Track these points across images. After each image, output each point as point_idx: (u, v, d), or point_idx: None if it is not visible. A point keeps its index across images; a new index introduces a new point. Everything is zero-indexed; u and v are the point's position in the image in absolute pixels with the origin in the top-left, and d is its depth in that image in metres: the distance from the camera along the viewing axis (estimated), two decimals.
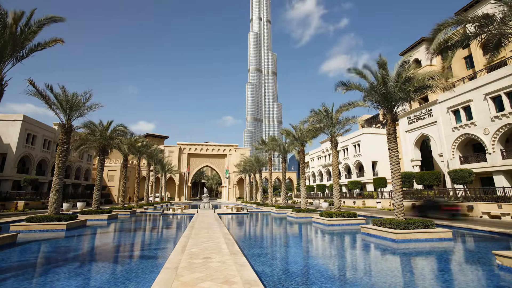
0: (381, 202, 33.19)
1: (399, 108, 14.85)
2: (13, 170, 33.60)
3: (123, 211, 25.75)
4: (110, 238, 13.68)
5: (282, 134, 30.91)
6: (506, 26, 9.21)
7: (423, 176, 28.27)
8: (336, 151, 21.91)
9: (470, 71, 33.21)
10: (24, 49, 12.52)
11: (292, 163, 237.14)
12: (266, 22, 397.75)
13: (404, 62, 14.20)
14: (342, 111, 20.27)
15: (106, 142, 24.18)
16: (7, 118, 34.37)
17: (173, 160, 65.40)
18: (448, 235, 11.97)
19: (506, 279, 6.57)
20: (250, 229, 18.13)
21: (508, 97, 22.49)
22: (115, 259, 8.98)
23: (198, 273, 6.00)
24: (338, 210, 19.76)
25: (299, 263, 8.49)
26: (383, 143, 36.05)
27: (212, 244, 9.45)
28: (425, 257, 9.62)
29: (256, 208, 34.48)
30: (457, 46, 10.89)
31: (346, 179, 48.13)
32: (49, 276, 6.77)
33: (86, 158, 52.66)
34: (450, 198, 24.22)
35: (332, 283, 6.26)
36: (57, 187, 16.32)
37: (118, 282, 6.24)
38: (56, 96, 16.77)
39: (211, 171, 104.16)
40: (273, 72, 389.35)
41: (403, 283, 6.45)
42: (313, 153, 66.25)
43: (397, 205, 13.41)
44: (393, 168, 14.12)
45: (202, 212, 26.21)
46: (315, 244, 12.72)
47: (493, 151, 23.47)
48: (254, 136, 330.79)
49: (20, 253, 9.69)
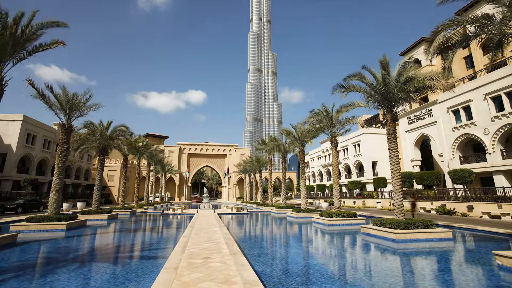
0: (381, 202, 33.19)
1: (399, 108, 14.86)
2: (13, 170, 33.61)
3: (123, 211, 25.75)
4: (110, 238, 13.68)
5: (282, 134, 30.89)
6: (506, 26, 9.21)
7: (423, 176, 28.28)
8: (336, 151, 21.91)
9: (470, 71, 33.21)
10: (24, 50, 12.52)
11: (292, 163, 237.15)
12: (266, 22, 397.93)
13: (405, 62, 14.24)
14: (342, 111, 20.24)
15: (106, 142, 24.17)
16: (7, 118, 34.38)
17: (173, 160, 65.40)
18: (448, 235, 11.97)
19: (506, 279, 6.57)
20: (250, 229, 18.13)
21: (508, 97, 22.50)
22: (115, 259, 8.99)
23: (198, 273, 6.00)
24: (338, 210, 19.76)
25: (299, 263, 8.49)
26: (383, 143, 35.99)
27: (212, 244, 9.45)
28: (425, 257, 9.63)
29: (256, 208, 34.48)
30: (457, 46, 10.88)
31: (346, 179, 48.13)
32: (49, 276, 6.78)
33: (86, 158, 52.69)
34: (450, 198, 24.23)
35: (332, 283, 6.26)
36: (57, 187, 16.31)
37: (118, 282, 6.24)
38: (56, 96, 16.77)
39: (211, 171, 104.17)
40: (273, 72, 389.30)
41: (403, 283, 6.46)
42: (313, 153, 66.25)
43: (397, 205, 13.42)
44: (393, 168, 14.13)
45: (202, 212, 26.21)
46: (315, 244, 12.72)
47: (493, 151, 23.48)
48: (254, 136, 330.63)
49: (20, 253, 9.69)
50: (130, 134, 29.27)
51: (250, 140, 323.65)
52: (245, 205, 44.75)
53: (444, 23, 10.50)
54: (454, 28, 10.76)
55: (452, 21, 10.38)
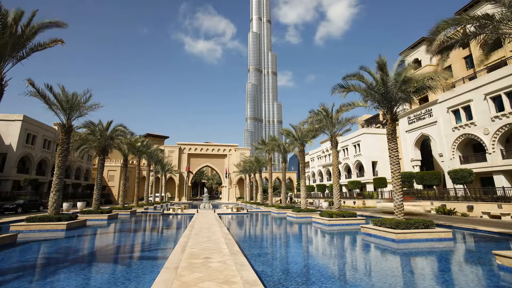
0: (381, 202, 33.16)
1: (399, 108, 14.85)
2: (13, 170, 33.61)
3: (123, 211, 25.75)
4: (110, 238, 13.68)
5: (282, 134, 30.89)
6: (506, 26, 9.21)
7: (423, 176, 28.27)
8: (336, 151, 21.90)
9: (470, 71, 33.20)
10: (24, 49, 12.52)
11: (292, 163, 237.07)
12: (266, 22, 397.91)
13: (402, 61, 14.24)
14: (342, 111, 20.27)
15: (106, 142, 24.18)
16: (7, 118, 34.38)
17: (173, 160, 65.37)
18: (448, 235, 11.97)
19: (506, 279, 6.57)
20: (250, 229, 18.12)
21: (508, 97, 22.50)
22: (115, 259, 8.99)
23: (198, 273, 6.00)
24: (338, 210, 19.76)
25: (299, 263, 8.49)
26: (383, 143, 36.08)
27: (212, 244, 9.45)
28: (425, 257, 9.63)
29: (256, 208, 34.47)
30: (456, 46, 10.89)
31: (346, 179, 48.13)
32: (49, 276, 6.77)
33: (86, 158, 52.67)
34: (450, 198, 24.22)
35: (332, 283, 6.26)
36: (57, 187, 16.31)
37: (118, 282, 6.24)
38: (56, 96, 16.76)
39: (211, 171, 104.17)
40: (273, 72, 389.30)
41: (403, 283, 6.46)
42: (313, 153, 66.24)
43: (397, 205, 13.42)
44: (393, 168, 14.12)
45: (202, 212, 26.21)
46: (315, 244, 12.71)
47: (493, 151, 23.48)
48: (254, 136, 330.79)
49: (20, 253, 9.68)
50: (130, 134, 29.30)
51: (250, 140, 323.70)
52: (245, 205, 44.74)
53: (444, 22, 10.50)
54: (455, 28, 10.75)
55: (452, 20, 10.38)
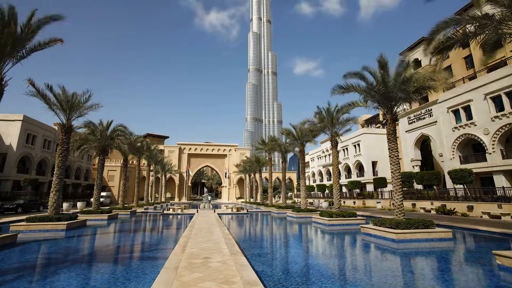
0: (381, 202, 33.19)
1: (399, 108, 14.85)
2: (13, 170, 33.62)
3: (123, 211, 25.75)
4: (110, 238, 13.68)
5: (282, 134, 30.88)
6: (506, 26, 9.20)
7: (423, 176, 28.27)
8: (336, 151, 21.90)
9: (470, 71, 33.21)
10: (24, 49, 12.52)
11: (292, 163, 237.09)
12: (266, 22, 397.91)
13: (401, 61, 14.26)
14: (343, 111, 20.28)
15: (106, 142, 24.16)
16: (7, 118, 34.39)
17: (173, 160, 65.36)
18: (448, 235, 11.97)
19: (506, 279, 6.57)
20: (250, 229, 18.12)
21: (508, 97, 22.50)
22: (115, 259, 8.99)
23: (198, 273, 6.00)
24: (338, 210, 19.75)
25: (299, 263, 8.49)
26: (383, 143, 36.06)
27: (212, 244, 9.45)
28: (425, 257, 9.62)
29: (256, 208, 34.47)
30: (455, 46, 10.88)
31: (346, 179, 48.14)
32: (49, 276, 6.77)
33: (86, 158, 52.69)
34: (450, 198, 24.22)
35: (332, 283, 6.26)
36: (57, 187, 16.31)
37: (118, 282, 6.24)
38: (56, 96, 16.76)
39: (211, 171, 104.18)
40: (273, 72, 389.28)
41: (403, 283, 6.46)
42: (313, 153, 66.25)
43: (397, 205, 13.42)
44: (393, 168, 14.12)
45: (202, 212, 26.21)
46: (315, 244, 12.72)
47: (493, 151, 23.47)
48: (254, 136, 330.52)
49: (20, 253, 9.68)
50: (130, 134, 29.31)
51: (250, 140, 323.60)
52: (245, 205, 44.73)
53: (443, 22, 10.49)
54: (454, 28, 10.74)
55: (452, 20, 10.37)
